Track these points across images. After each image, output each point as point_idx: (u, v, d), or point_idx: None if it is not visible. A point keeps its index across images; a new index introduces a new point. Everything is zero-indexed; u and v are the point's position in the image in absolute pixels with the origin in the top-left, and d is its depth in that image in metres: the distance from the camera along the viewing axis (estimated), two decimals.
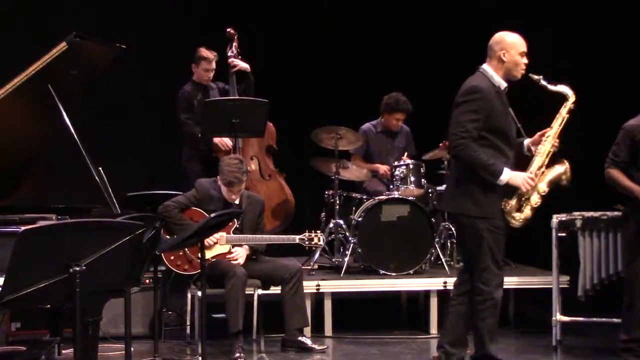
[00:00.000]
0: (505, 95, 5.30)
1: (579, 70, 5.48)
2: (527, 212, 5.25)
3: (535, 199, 5.25)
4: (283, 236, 6.48)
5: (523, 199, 5.23)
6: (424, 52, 9.01)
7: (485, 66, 5.28)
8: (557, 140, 5.32)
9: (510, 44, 5.24)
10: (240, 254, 6.34)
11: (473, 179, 5.19)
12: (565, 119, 5.32)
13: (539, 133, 5.36)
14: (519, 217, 5.24)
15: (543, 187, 5.26)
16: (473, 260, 5.28)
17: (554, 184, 5.31)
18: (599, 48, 8.15)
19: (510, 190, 5.19)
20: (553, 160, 5.32)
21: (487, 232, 5.20)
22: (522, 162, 5.31)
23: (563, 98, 5.34)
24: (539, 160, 5.28)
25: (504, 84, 5.26)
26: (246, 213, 6.40)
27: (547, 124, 5.35)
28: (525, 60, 5.24)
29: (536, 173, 5.26)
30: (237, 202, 6.42)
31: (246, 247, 6.39)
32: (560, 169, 5.30)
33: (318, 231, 6.52)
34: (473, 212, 5.22)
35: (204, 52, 7.42)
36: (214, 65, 7.44)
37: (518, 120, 5.36)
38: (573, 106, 5.31)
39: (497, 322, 5.28)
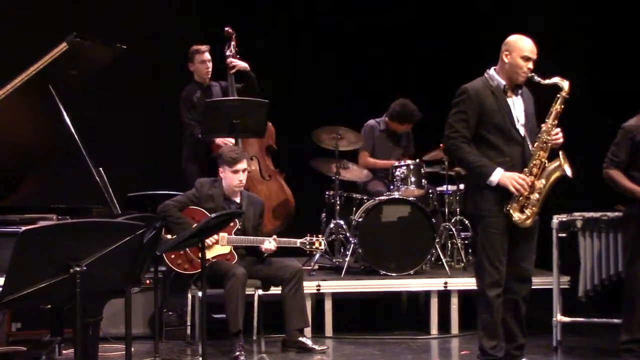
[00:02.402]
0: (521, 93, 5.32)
1: (578, 70, 5.47)
2: (528, 212, 5.23)
3: (535, 197, 5.23)
4: (284, 239, 6.46)
5: (520, 198, 5.20)
6: (424, 53, 9.01)
7: (493, 67, 5.33)
8: (556, 134, 5.26)
9: (514, 46, 5.27)
10: (272, 247, 6.31)
11: (471, 178, 5.38)
12: (559, 112, 5.25)
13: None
14: (518, 217, 5.20)
15: (540, 184, 5.24)
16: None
17: (554, 180, 5.27)
18: (598, 48, 8.15)
19: (507, 190, 5.18)
20: (553, 155, 5.29)
21: (481, 230, 5.28)
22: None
23: (557, 90, 5.26)
24: (533, 157, 5.25)
25: (502, 83, 5.27)
26: (246, 213, 6.40)
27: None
28: (528, 65, 5.23)
29: (532, 171, 5.23)
30: (237, 199, 6.42)
31: (273, 241, 6.34)
32: (555, 162, 5.27)
33: (319, 235, 6.53)
34: (471, 210, 5.40)
35: (195, 46, 7.44)
36: (208, 56, 7.44)
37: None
38: (567, 96, 5.25)
39: (493, 320, 5.25)
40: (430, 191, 7.72)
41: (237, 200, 6.44)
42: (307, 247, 6.44)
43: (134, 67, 7.73)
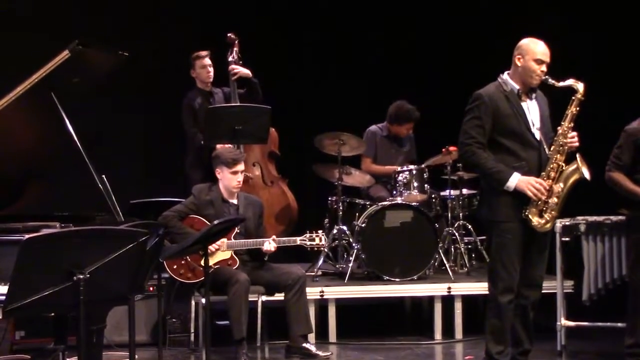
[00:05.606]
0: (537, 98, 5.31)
1: (579, 71, 5.46)
2: (547, 217, 5.20)
3: (554, 201, 5.19)
4: (284, 238, 6.46)
5: (538, 203, 5.17)
6: (427, 58, 9.01)
7: (507, 72, 5.32)
8: (572, 137, 5.25)
9: (526, 50, 5.24)
10: (272, 247, 6.30)
11: (487, 184, 5.32)
12: (575, 114, 5.23)
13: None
14: (537, 222, 5.18)
15: (559, 187, 5.22)
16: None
17: (572, 183, 5.25)
18: (600, 49, 8.15)
19: (524, 196, 5.15)
20: (570, 158, 5.27)
21: (496, 236, 5.25)
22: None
23: (572, 92, 5.26)
24: (550, 160, 5.23)
25: (516, 87, 5.26)
26: (246, 214, 6.39)
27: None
28: (542, 67, 5.21)
29: (549, 174, 5.20)
30: (235, 201, 6.40)
31: (273, 242, 6.33)
32: (573, 165, 5.26)
33: (320, 231, 6.50)
34: (486, 216, 5.34)
35: (196, 52, 7.44)
36: (209, 61, 7.44)
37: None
38: (582, 98, 5.24)
39: (502, 325, 5.24)
40: (433, 196, 7.71)
41: (235, 202, 6.43)
42: (308, 243, 6.41)
43: (136, 73, 7.73)
